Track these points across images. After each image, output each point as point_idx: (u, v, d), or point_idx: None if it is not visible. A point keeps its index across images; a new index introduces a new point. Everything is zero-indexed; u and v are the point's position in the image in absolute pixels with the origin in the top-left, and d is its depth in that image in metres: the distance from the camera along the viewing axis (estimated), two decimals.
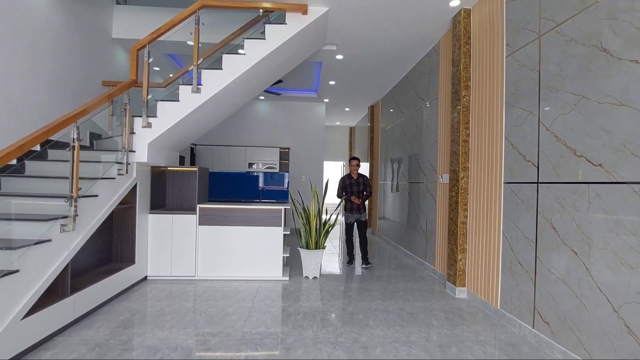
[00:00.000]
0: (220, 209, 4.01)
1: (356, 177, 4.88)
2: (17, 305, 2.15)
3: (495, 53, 3.19)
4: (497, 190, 3.11)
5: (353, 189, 4.80)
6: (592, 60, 2.14)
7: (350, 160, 4.97)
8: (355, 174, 4.89)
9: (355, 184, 4.82)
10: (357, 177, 4.88)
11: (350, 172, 4.91)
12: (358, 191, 4.80)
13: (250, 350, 2.36)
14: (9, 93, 3.21)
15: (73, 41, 4.05)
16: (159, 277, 3.95)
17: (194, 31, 3.55)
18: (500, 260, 3.03)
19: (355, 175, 4.88)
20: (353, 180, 4.84)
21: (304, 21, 3.71)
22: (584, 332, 2.14)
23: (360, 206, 4.83)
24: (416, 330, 2.74)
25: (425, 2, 3.57)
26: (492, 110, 3.24)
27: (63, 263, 2.54)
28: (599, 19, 2.11)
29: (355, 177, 4.87)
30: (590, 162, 2.14)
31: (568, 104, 2.32)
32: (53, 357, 2.21)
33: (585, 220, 2.16)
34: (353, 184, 4.82)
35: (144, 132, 3.50)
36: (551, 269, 2.43)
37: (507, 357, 2.36)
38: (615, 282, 1.94)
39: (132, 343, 2.45)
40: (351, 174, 4.89)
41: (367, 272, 4.53)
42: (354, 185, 4.81)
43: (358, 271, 4.61)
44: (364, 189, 4.87)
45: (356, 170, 4.89)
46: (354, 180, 4.84)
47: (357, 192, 4.79)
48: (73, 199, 2.56)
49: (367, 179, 4.96)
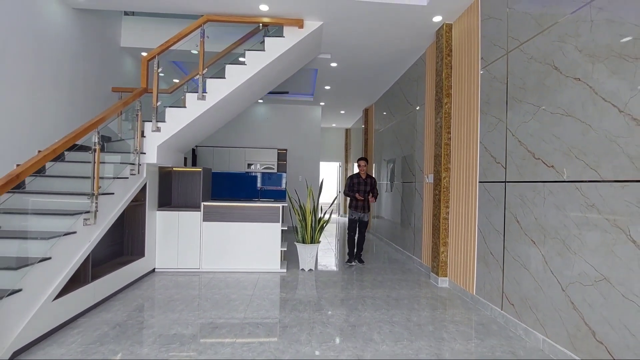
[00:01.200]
0: (223, 207, 4.33)
1: (364, 177, 4.91)
2: (50, 287, 2.47)
3: (472, 65, 3.55)
4: (474, 189, 3.46)
5: (360, 189, 4.84)
6: (547, 76, 2.50)
7: (358, 160, 5.00)
8: (363, 174, 4.91)
9: (363, 184, 4.86)
10: (366, 178, 4.91)
11: (359, 172, 4.95)
12: (365, 191, 4.84)
13: (252, 328, 2.69)
14: (26, 98, 3.51)
15: (86, 50, 4.36)
16: (166, 269, 4.27)
17: (199, 43, 3.87)
18: (476, 251, 3.38)
19: (364, 175, 4.91)
20: (361, 180, 4.88)
21: (300, 34, 4.04)
22: (541, 310, 2.49)
23: (365, 205, 4.87)
24: (399, 313, 3.08)
25: (411, 18, 3.92)
26: (469, 117, 3.59)
27: (85, 253, 2.86)
28: (552, 41, 2.46)
29: (363, 177, 4.90)
30: (545, 164, 2.49)
31: (529, 113, 2.68)
32: (80, 334, 2.53)
33: (541, 214, 2.51)
34: (360, 184, 4.86)
35: (153, 135, 3.82)
36: (516, 257, 2.79)
37: (477, 333, 2.70)
38: (563, 266, 2.30)
39: (148, 323, 2.78)
40: (359, 174, 4.93)
41: (359, 265, 4.87)
42: (362, 184, 4.85)
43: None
44: (370, 189, 4.89)
45: (364, 170, 4.91)
46: (361, 180, 4.88)
47: (364, 192, 4.83)
48: (95, 196, 2.88)
49: (374, 180, 4.98)
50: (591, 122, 2.12)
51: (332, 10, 3.79)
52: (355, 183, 4.88)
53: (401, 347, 2.43)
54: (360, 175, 4.92)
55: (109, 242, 3.71)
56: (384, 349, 2.39)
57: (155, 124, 3.78)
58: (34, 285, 2.33)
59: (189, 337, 2.52)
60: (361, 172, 4.93)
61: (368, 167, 8.63)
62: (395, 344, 2.48)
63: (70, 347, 2.33)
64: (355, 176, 4.94)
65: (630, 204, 1.86)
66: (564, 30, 2.36)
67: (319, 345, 2.43)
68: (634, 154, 1.85)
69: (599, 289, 2.03)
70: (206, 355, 2.26)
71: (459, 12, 3.78)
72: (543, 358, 2.33)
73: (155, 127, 3.79)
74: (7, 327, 2.12)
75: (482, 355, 2.36)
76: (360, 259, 4.96)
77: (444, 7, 3.68)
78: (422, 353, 2.35)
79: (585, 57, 2.18)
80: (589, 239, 2.10)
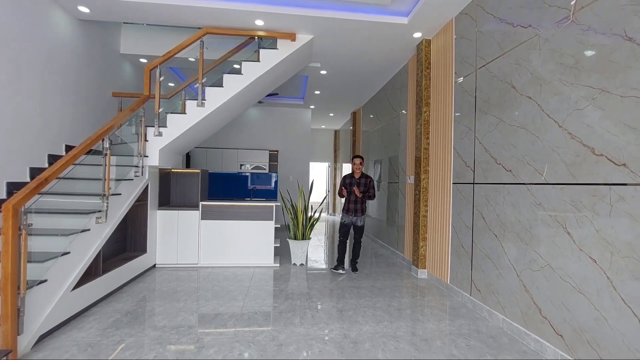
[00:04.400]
0: (220, 206, 4.64)
1: (358, 176, 4.49)
2: (69, 279, 2.75)
3: (448, 78, 3.95)
4: (448, 189, 3.87)
5: (352, 190, 4.46)
6: (506, 93, 2.91)
7: (352, 158, 4.54)
8: (358, 173, 4.49)
9: (356, 184, 4.44)
10: (360, 177, 4.49)
11: (353, 171, 4.53)
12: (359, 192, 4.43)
13: (250, 314, 3.02)
14: (36, 104, 3.74)
15: (89, 58, 4.59)
16: (166, 264, 4.55)
17: (199, 54, 4.16)
18: (450, 245, 3.79)
19: (358, 174, 4.49)
20: (354, 180, 4.46)
21: (292, 46, 4.38)
22: (501, 294, 2.90)
23: (358, 208, 4.44)
24: (382, 300, 3.46)
25: (393, 33, 4.30)
26: (445, 125, 3.99)
27: (98, 248, 3.14)
28: (510, 64, 2.87)
29: (357, 177, 4.49)
30: (504, 168, 2.90)
31: (492, 124, 3.08)
32: (96, 321, 2.82)
33: (501, 211, 2.92)
34: (354, 184, 4.44)
35: (155, 140, 4.09)
36: (481, 249, 3.20)
37: (448, 316, 3.10)
38: (518, 255, 2.71)
39: (156, 311, 3.08)
40: (353, 174, 4.51)
41: (347, 258, 5.24)
42: (355, 185, 4.43)
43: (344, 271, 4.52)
44: (365, 190, 4.45)
45: (359, 169, 4.47)
46: (354, 180, 4.46)
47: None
48: (106, 197, 3.16)
49: (371, 180, 4.50)
50: (539, 134, 2.53)
51: (321, 26, 4.14)
52: (348, 184, 4.49)
53: (382, 327, 2.81)
54: (353, 175, 4.51)
55: (114, 239, 3.97)
56: (367, 329, 2.76)
57: (157, 129, 4.06)
58: (56, 277, 2.62)
59: (194, 322, 2.84)
60: (356, 171, 4.49)
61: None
62: (377, 324, 2.85)
63: (89, 332, 2.62)
64: (349, 176, 4.54)
65: (566, 202, 2.27)
66: (519, 55, 2.77)
67: (311, 327, 2.78)
68: (569, 161, 2.26)
69: (543, 273, 2.44)
70: (212, 336, 2.58)
71: (436, 29, 4.18)
72: (500, 333, 2.75)
73: (158, 132, 4.06)
74: (34, 313, 2.40)
75: (451, 332, 2.75)
76: (355, 267, 4.55)
77: (423, 25, 4.08)
78: (400, 331, 2.73)
79: (535, 79, 2.59)
80: (536, 232, 2.52)
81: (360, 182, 4.47)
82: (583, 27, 2.19)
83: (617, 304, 1.91)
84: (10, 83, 3.35)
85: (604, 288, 1.99)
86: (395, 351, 2.40)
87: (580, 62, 2.20)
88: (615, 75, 1.97)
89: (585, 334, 2.11)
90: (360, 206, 4.46)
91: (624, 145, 1.91)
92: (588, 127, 2.13)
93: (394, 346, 2.48)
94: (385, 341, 2.55)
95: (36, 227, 2.81)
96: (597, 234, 2.04)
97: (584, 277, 2.12)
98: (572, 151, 2.24)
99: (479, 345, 2.54)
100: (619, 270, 1.90)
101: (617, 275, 1.92)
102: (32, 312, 2.37)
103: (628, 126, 1.89)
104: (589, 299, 2.08)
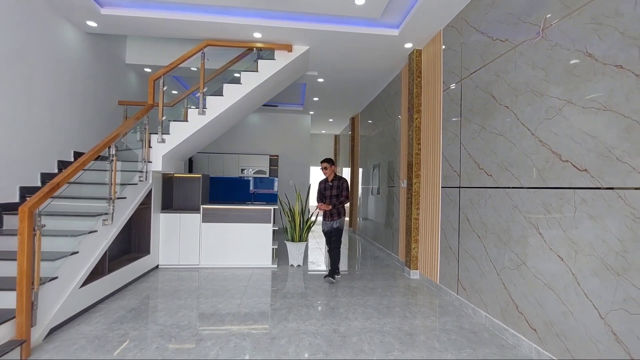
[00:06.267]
0: (220, 209, 4.83)
1: (331, 180, 4.41)
2: (77, 276, 2.95)
3: (437, 87, 4.14)
4: (437, 193, 4.04)
5: (326, 194, 4.40)
6: (487, 102, 3.09)
7: (320, 163, 4.50)
8: (329, 177, 4.42)
9: (329, 188, 4.38)
10: (332, 180, 4.40)
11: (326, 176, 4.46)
12: (331, 195, 4.35)
13: (247, 310, 3.20)
14: (46, 114, 3.97)
15: (96, 68, 4.83)
16: (168, 265, 4.75)
17: (200, 65, 4.39)
18: (439, 246, 3.95)
19: (331, 178, 4.42)
20: (327, 184, 4.42)
21: (289, 57, 4.60)
22: (484, 292, 3.06)
23: (334, 212, 4.33)
24: (373, 299, 3.63)
25: (385, 44, 4.50)
26: (434, 131, 4.17)
27: (104, 248, 3.35)
28: (490, 75, 3.06)
29: (330, 180, 4.41)
30: (486, 173, 3.07)
31: (475, 131, 3.26)
32: (102, 316, 3.01)
33: (484, 213, 3.09)
34: (327, 188, 4.41)
35: (159, 146, 4.31)
36: (467, 250, 3.36)
37: (435, 313, 3.26)
38: (497, 255, 2.87)
39: (158, 307, 3.27)
40: (327, 178, 4.45)
41: (343, 260, 5.40)
42: (327, 189, 4.39)
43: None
44: (338, 193, 4.35)
45: (327, 173, 4.40)
46: (327, 185, 4.41)
47: (330, 196, 4.35)
48: (112, 200, 3.37)
49: (344, 182, 4.38)
50: (515, 141, 2.70)
51: (316, 37, 4.36)
52: (322, 189, 4.45)
53: (370, 323, 2.97)
54: (327, 180, 4.44)
55: (118, 241, 4.17)
56: (356, 324, 2.93)
57: (160, 136, 4.27)
58: (66, 274, 2.82)
59: (195, 318, 3.02)
60: (325, 175, 4.44)
61: (354, 173, 9.10)
62: (365, 320, 3.02)
63: (96, 326, 2.81)
64: (323, 181, 4.48)
65: (538, 205, 2.44)
66: (498, 66, 2.95)
67: (303, 322, 2.95)
68: (540, 167, 2.44)
69: (519, 271, 2.61)
70: (210, 330, 2.77)
71: (426, 40, 4.38)
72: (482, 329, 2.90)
73: (161, 139, 4.28)
74: (46, 307, 2.59)
75: (435, 328, 2.91)
76: (333, 275, 4.24)
77: (412, 37, 4.28)
78: (387, 327, 2.90)
79: (511, 89, 2.77)
80: (513, 232, 2.68)
81: (333, 185, 4.37)
82: (551, 43, 2.37)
83: (580, 298, 2.08)
84: (24, 94, 3.58)
85: (570, 284, 2.15)
86: (381, 344, 2.57)
87: (549, 75, 2.38)
88: (578, 87, 2.15)
89: (554, 327, 2.27)
90: (336, 210, 4.35)
91: (585, 153, 2.08)
92: (556, 135, 2.30)
93: (380, 340, 2.64)
94: (372, 335, 2.72)
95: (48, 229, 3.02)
96: (564, 234, 2.21)
97: (553, 274, 2.28)
98: (543, 157, 2.41)
99: (460, 339, 2.69)
100: (582, 267, 2.07)
101: (580, 272, 2.08)
102: (43, 307, 2.56)
103: (588, 135, 2.06)
104: (558, 295, 2.24)
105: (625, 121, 1.84)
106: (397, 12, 3.93)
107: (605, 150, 1.95)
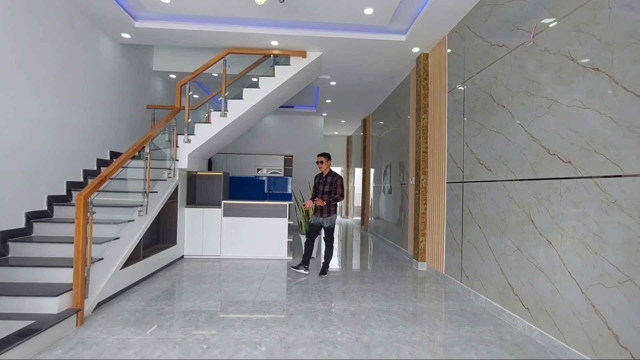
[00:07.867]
0: (240, 204, 5.21)
1: (325, 175, 4.43)
2: (119, 259, 3.36)
3: (442, 89, 4.39)
4: (443, 188, 4.28)
5: (319, 189, 4.41)
6: (487, 102, 3.34)
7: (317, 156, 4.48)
8: (324, 171, 4.43)
9: (322, 184, 4.39)
10: (326, 176, 4.41)
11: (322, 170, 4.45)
12: (323, 191, 4.35)
13: (266, 293, 3.53)
14: (88, 117, 4.42)
15: (128, 75, 5.31)
16: (192, 255, 5.14)
17: (222, 72, 4.78)
18: (445, 238, 4.20)
19: (325, 173, 4.43)
20: (321, 179, 4.44)
21: (303, 62, 4.94)
22: (484, 278, 3.30)
23: (324, 209, 4.32)
24: (381, 286, 3.91)
25: (394, 49, 4.79)
26: (440, 130, 4.43)
27: (139, 236, 3.75)
28: (489, 77, 3.31)
29: (324, 175, 4.44)
30: (486, 168, 3.32)
31: (476, 129, 3.51)
32: (139, 295, 3.40)
33: (484, 205, 3.33)
34: (320, 183, 4.42)
35: (185, 146, 4.71)
36: (469, 240, 3.60)
37: (439, 299, 3.52)
38: (496, 243, 3.12)
39: (187, 289, 3.64)
40: (322, 172, 4.47)
41: (354, 254, 5.69)
42: (321, 184, 4.40)
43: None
44: (331, 189, 4.32)
45: (322, 167, 4.40)
46: (321, 179, 4.44)
47: (322, 192, 4.35)
48: (147, 193, 3.78)
49: (338, 178, 4.35)
50: (510, 138, 2.95)
51: (329, 44, 4.68)
52: (317, 183, 4.49)
53: (378, 304, 3.26)
54: (322, 174, 4.47)
55: (149, 232, 4.59)
56: (365, 305, 3.22)
57: (186, 137, 4.68)
58: (110, 257, 3.22)
59: (220, 297, 3.38)
60: (320, 169, 4.45)
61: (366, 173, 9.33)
62: (374, 302, 3.31)
63: (135, 302, 3.20)
64: (318, 175, 4.51)
65: (530, 195, 2.68)
66: (496, 69, 3.20)
67: (317, 303, 3.26)
68: (532, 160, 2.68)
69: (515, 257, 2.85)
70: (234, 307, 3.11)
71: (432, 44, 4.64)
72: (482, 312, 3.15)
73: (187, 139, 4.69)
74: (94, 284, 2.99)
75: (438, 310, 3.18)
76: (324, 270, 4.33)
77: (419, 42, 4.55)
78: (393, 308, 3.18)
79: (507, 90, 3.02)
80: (509, 221, 2.93)
81: (326, 181, 4.37)
82: (540, 48, 2.62)
83: (565, 277, 2.31)
84: (71, 101, 4.04)
85: (557, 265, 2.39)
86: (387, 321, 2.85)
87: (539, 77, 2.63)
88: (563, 88, 2.39)
89: (544, 305, 2.50)
90: (327, 208, 4.35)
91: (569, 146, 2.32)
92: (545, 131, 2.55)
93: (386, 317, 2.93)
94: (379, 314, 3.00)
95: (94, 217, 3.45)
96: (552, 220, 2.45)
97: (543, 257, 2.52)
98: (534, 152, 2.66)
99: (460, 319, 2.95)
100: (567, 248, 2.31)
101: (565, 253, 2.32)
102: (93, 283, 2.96)
103: (572, 130, 2.31)
104: (547, 275, 2.48)
105: (601, 118, 2.09)
106: (404, 20, 4.22)
107: (585, 143, 2.20)
